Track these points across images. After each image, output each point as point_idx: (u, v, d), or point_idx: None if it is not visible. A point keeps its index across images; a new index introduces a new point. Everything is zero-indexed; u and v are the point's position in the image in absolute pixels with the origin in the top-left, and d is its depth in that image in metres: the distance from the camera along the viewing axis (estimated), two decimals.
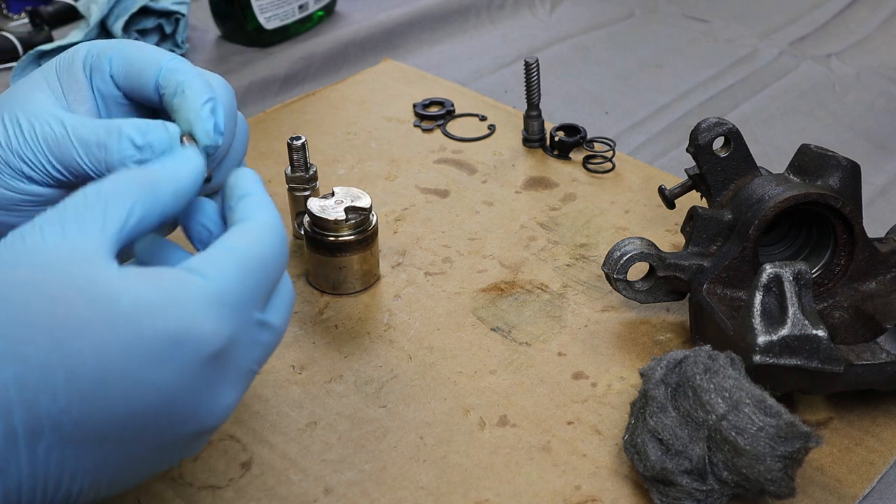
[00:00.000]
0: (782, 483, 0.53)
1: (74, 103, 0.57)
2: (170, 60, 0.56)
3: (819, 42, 1.14)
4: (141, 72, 0.56)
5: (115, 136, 0.53)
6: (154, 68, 0.56)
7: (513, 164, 0.89)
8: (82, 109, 0.57)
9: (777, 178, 0.69)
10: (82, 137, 0.53)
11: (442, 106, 0.98)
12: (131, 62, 0.56)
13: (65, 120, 0.54)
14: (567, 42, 1.14)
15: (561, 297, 0.74)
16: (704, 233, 0.69)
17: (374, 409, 0.65)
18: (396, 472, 0.60)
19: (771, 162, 0.89)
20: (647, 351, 0.69)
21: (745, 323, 0.59)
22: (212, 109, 0.54)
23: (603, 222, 0.82)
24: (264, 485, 0.60)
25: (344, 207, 0.71)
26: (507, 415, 0.64)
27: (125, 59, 0.57)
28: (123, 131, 0.53)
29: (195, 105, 0.54)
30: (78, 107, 0.57)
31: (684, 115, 0.99)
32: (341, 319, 0.72)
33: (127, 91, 0.57)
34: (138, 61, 0.56)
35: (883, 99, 1.01)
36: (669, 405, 0.56)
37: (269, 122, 0.97)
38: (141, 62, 0.56)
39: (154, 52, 0.57)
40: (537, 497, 0.59)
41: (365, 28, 1.14)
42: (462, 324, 0.72)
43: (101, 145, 0.53)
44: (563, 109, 1.00)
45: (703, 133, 0.70)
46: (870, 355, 0.60)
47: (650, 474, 0.56)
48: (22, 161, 0.53)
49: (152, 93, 0.56)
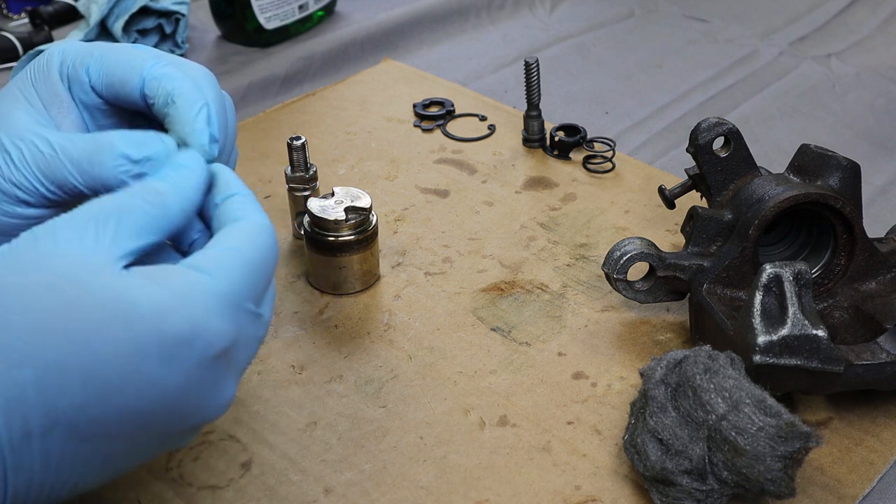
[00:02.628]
0: (782, 483, 0.53)
1: (58, 117, 0.55)
2: (152, 67, 0.54)
3: (819, 42, 1.14)
4: (124, 82, 0.55)
5: (108, 152, 0.52)
6: (137, 77, 0.55)
7: (513, 164, 0.89)
8: (66, 122, 0.56)
9: (777, 178, 0.69)
10: (73, 156, 0.52)
11: (442, 106, 0.98)
12: (111, 72, 0.55)
13: (51, 139, 0.52)
14: (567, 42, 1.14)
15: (561, 297, 0.74)
16: (704, 233, 0.69)
17: (374, 409, 0.65)
18: (396, 472, 0.60)
19: (771, 162, 0.89)
20: (647, 351, 0.69)
21: (745, 323, 0.59)
22: (206, 119, 0.53)
23: (603, 222, 0.82)
24: (264, 485, 0.60)
25: (344, 207, 0.71)
26: (507, 415, 0.64)
27: (104, 68, 0.55)
28: (116, 147, 0.52)
29: (188, 116, 0.53)
30: (62, 120, 0.56)
31: (684, 115, 0.99)
32: (341, 319, 0.72)
33: (110, 100, 0.56)
34: (119, 70, 0.55)
35: (883, 99, 1.01)
36: (669, 405, 0.56)
37: (269, 122, 0.97)
38: (122, 71, 0.55)
39: (132, 57, 0.55)
40: (537, 497, 0.59)
41: (365, 28, 1.14)
42: (462, 324, 0.72)
43: (94, 162, 0.52)
44: (563, 109, 1.00)
45: (703, 133, 0.70)
46: (870, 355, 0.60)
47: (650, 474, 0.56)
48: (15, 187, 0.52)
49: (138, 100, 0.55)
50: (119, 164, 0.52)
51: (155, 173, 0.51)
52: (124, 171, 0.52)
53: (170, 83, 0.54)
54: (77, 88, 0.56)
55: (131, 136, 0.53)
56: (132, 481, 0.60)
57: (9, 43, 1.08)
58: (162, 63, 0.55)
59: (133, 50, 0.56)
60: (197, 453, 0.62)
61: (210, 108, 0.53)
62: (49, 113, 0.55)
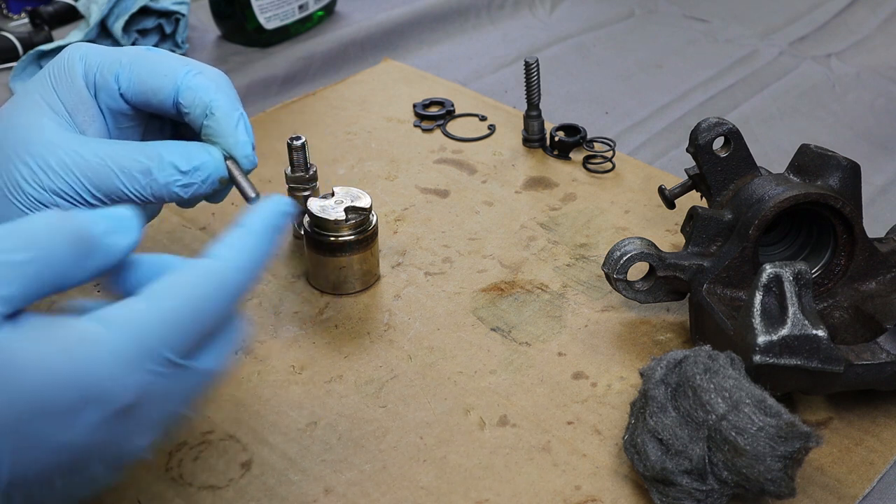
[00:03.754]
0: (782, 483, 0.53)
1: (83, 124, 0.56)
2: (185, 77, 0.56)
3: (819, 42, 1.14)
4: (156, 91, 0.56)
5: (157, 162, 0.54)
6: (170, 87, 0.56)
7: (513, 164, 0.89)
8: (92, 129, 0.57)
9: (777, 178, 0.69)
10: (123, 165, 0.54)
11: (442, 106, 0.98)
12: (143, 80, 0.56)
13: (97, 148, 0.54)
14: (567, 42, 1.14)
15: (561, 297, 0.74)
16: (704, 233, 0.69)
17: (374, 409, 0.65)
18: (396, 472, 0.60)
19: (771, 162, 0.89)
20: (647, 351, 0.69)
21: (745, 323, 0.59)
22: (245, 129, 0.55)
23: (603, 222, 0.82)
24: (264, 485, 0.60)
25: (344, 207, 0.71)
26: (507, 415, 0.64)
27: (135, 76, 0.56)
28: (165, 157, 0.54)
29: (229, 128, 0.55)
30: (87, 127, 0.57)
31: (684, 115, 0.99)
32: (341, 319, 0.72)
33: (140, 107, 0.57)
34: (151, 79, 0.56)
35: (883, 99, 1.01)
36: (669, 405, 0.56)
37: (269, 122, 0.97)
38: (154, 80, 0.56)
39: (163, 66, 0.56)
40: (537, 497, 0.59)
41: (365, 28, 1.14)
42: (462, 324, 0.72)
43: (145, 172, 0.54)
44: (563, 109, 1.00)
45: (703, 133, 0.70)
46: (870, 355, 0.60)
47: (650, 474, 0.56)
48: (57, 196, 0.53)
49: (170, 108, 0.57)
50: (170, 173, 0.54)
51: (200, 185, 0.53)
52: (174, 180, 0.54)
53: (206, 95, 0.55)
54: (104, 95, 0.57)
55: (179, 148, 0.55)
56: (132, 481, 0.60)
57: (9, 43, 1.08)
58: (193, 72, 0.56)
59: (159, 57, 0.57)
60: (197, 453, 0.62)
61: (245, 119, 0.55)
62: (74, 120, 0.56)
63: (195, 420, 0.63)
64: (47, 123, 0.55)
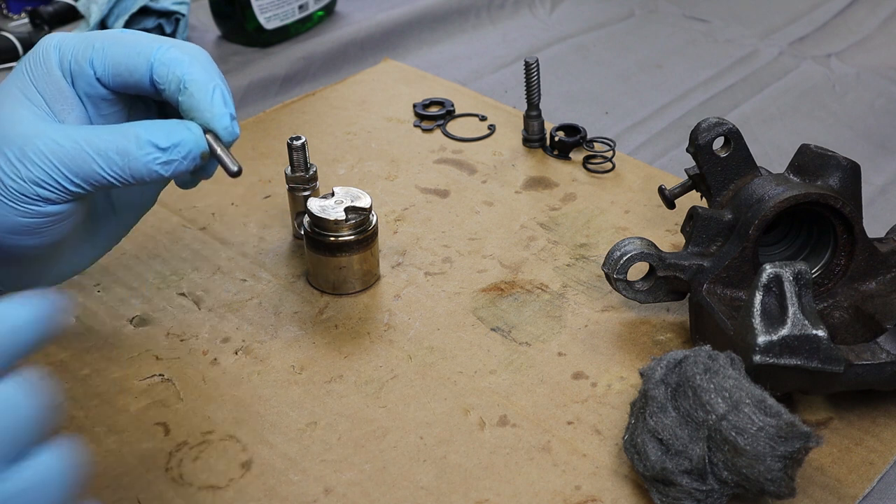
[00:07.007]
0: (782, 483, 0.53)
1: (62, 113, 0.56)
2: (158, 52, 0.55)
3: (819, 42, 1.14)
4: (131, 71, 0.55)
5: (134, 142, 0.53)
6: (144, 65, 0.55)
7: (513, 164, 0.89)
8: (71, 118, 0.56)
9: (777, 178, 0.69)
10: (99, 148, 0.52)
11: (442, 106, 0.98)
12: (117, 62, 0.55)
13: (71, 133, 0.53)
14: (567, 42, 1.14)
15: (561, 297, 0.74)
16: (704, 233, 0.69)
17: (374, 409, 0.65)
18: (396, 472, 0.60)
19: (771, 162, 0.89)
20: (647, 351, 0.69)
21: (745, 323, 0.59)
22: (222, 100, 0.54)
23: (603, 222, 0.82)
24: (264, 485, 0.60)
25: (344, 207, 0.71)
26: (507, 415, 0.64)
27: (109, 59, 0.55)
28: (142, 137, 0.53)
29: (205, 101, 0.54)
30: (66, 116, 0.56)
31: (684, 115, 0.99)
32: (341, 319, 0.72)
33: (117, 89, 0.56)
34: (125, 59, 0.55)
35: (883, 99, 1.01)
36: (669, 405, 0.56)
37: (269, 122, 0.97)
38: (128, 60, 0.55)
39: (136, 44, 0.55)
40: (537, 497, 0.59)
41: (365, 28, 1.14)
42: (462, 324, 0.72)
43: (122, 153, 0.53)
44: (563, 109, 1.00)
45: (703, 133, 0.70)
46: (870, 355, 0.60)
47: (650, 474, 0.56)
48: (36, 185, 0.52)
49: (147, 86, 0.55)
50: (147, 152, 0.53)
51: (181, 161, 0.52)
52: (153, 158, 0.53)
53: (179, 68, 0.54)
54: (81, 82, 0.56)
55: (156, 126, 0.53)
56: (132, 481, 0.60)
57: (9, 43, 1.08)
58: (166, 47, 0.55)
59: (133, 37, 0.56)
60: (197, 453, 0.62)
61: (222, 88, 0.54)
62: (52, 109, 0.55)
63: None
64: (25, 115, 0.54)
